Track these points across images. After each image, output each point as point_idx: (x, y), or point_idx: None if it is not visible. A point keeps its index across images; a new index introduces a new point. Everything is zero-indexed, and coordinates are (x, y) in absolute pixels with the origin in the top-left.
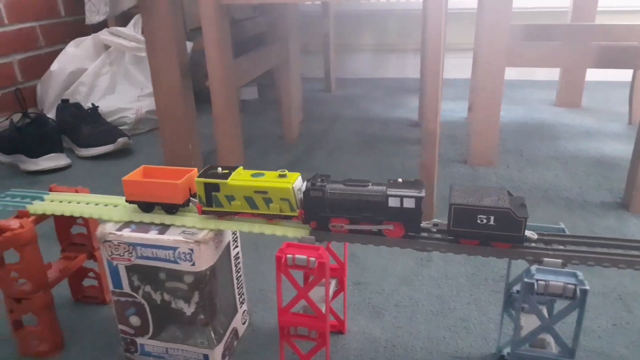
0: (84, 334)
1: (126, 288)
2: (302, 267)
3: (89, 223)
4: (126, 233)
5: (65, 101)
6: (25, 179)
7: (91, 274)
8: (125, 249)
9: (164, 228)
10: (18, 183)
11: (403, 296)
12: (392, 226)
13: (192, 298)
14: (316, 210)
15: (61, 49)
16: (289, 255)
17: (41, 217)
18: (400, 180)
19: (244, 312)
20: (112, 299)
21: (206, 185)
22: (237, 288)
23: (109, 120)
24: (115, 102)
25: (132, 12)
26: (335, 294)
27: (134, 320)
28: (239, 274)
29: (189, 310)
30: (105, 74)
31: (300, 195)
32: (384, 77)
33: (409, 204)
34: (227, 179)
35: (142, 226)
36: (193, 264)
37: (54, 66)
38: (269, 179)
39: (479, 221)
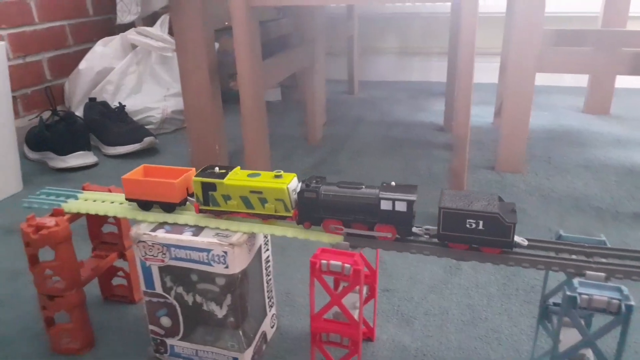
0: (114, 333)
1: (158, 289)
2: (336, 274)
3: (120, 222)
4: (160, 234)
5: (92, 100)
6: (53, 175)
7: (120, 272)
8: (159, 249)
9: (198, 229)
10: (46, 180)
11: (432, 304)
12: (384, 230)
13: (224, 301)
14: (310, 211)
15: (89, 48)
16: (323, 261)
17: (75, 216)
18: (393, 183)
19: (272, 315)
20: (143, 299)
21: (203, 184)
22: (267, 291)
23: (135, 119)
24: (141, 101)
25: (159, 12)
26: (365, 300)
27: (165, 321)
28: (269, 277)
29: (220, 312)
30: (132, 73)
31: (295, 196)
32: (407, 80)
33: (400, 207)
34: (223, 178)
35: (176, 227)
36: (226, 267)
37: (82, 65)
38: (265, 180)
39: (467, 225)
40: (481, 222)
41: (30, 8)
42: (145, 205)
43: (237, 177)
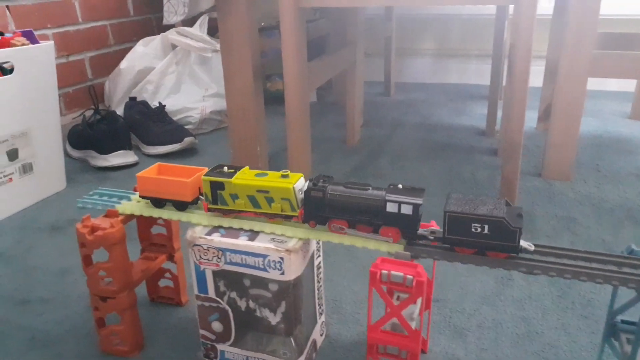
0: (162, 335)
1: (211, 293)
2: (397, 285)
3: (170, 224)
4: (216, 238)
5: (132, 99)
6: (94, 174)
7: (167, 274)
8: (214, 253)
9: (253, 234)
10: (88, 178)
11: (485, 316)
12: (389, 232)
13: (278, 307)
14: (316, 210)
15: (129, 48)
16: (383, 271)
17: (129, 217)
18: (400, 186)
19: (322, 323)
20: (195, 303)
21: (212, 183)
22: (317, 299)
23: (174, 119)
24: (180, 101)
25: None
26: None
27: (217, 326)
28: (319, 284)
29: (274, 319)
30: (171, 73)
31: (302, 195)
32: (445, 82)
33: (406, 210)
34: (231, 178)
35: (231, 231)
36: (282, 273)
37: (123, 64)
38: (272, 179)
39: (473, 230)
40: (486, 227)
41: (75, 8)
42: (158, 203)
43: (245, 177)
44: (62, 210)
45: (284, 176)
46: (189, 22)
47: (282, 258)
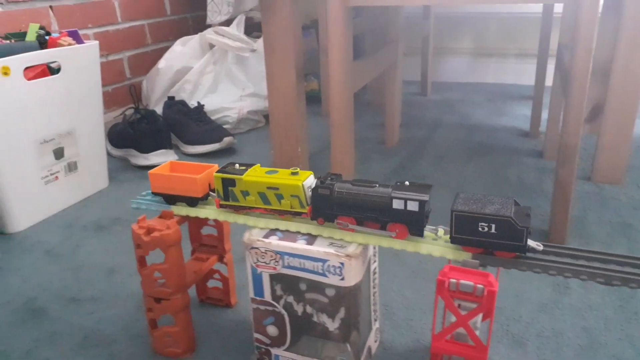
0: (213, 338)
1: (267, 297)
2: (465, 294)
3: (221, 225)
4: (274, 241)
5: (171, 98)
6: (135, 173)
7: (216, 275)
8: (272, 257)
9: (311, 238)
10: (129, 177)
11: (544, 325)
12: (396, 228)
13: (337, 313)
14: (324, 207)
15: (166, 47)
16: (452, 280)
17: (184, 218)
18: (407, 183)
19: (376, 329)
20: (251, 307)
21: (223, 180)
22: (372, 304)
23: (212, 118)
24: (217, 101)
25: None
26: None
27: (272, 330)
28: (374, 290)
29: (332, 325)
30: (209, 72)
31: (310, 193)
32: (482, 82)
33: (412, 206)
34: (242, 175)
35: (289, 234)
36: (342, 279)
37: (162, 63)
38: (282, 176)
39: (480, 229)
40: (493, 226)
41: (115, 8)
42: (170, 199)
43: (255, 174)
44: (106, 209)
45: (293, 174)
46: (226, 21)
47: (342, 263)
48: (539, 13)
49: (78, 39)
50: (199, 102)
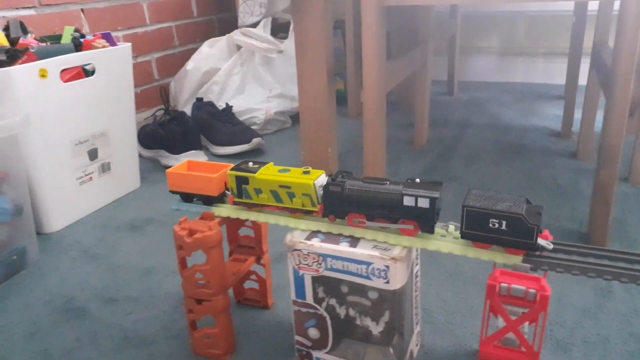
0: (251, 339)
1: (309, 299)
2: (517, 299)
3: (259, 226)
4: (316, 243)
5: (199, 100)
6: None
7: (253, 276)
8: (314, 259)
9: (354, 240)
10: (160, 177)
11: (589, 331)
12: (407, 224)
13: (381, 317)
14: (335, 205)
15: (192, 48)
16: (503, 284)
17: (225, 220)
18: (417, 180)
19: (417, 333)
20: (292, 309)
21: (237, 178)
22: (414, 308)
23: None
24: (245, 102)
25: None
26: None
27: (313, 332)
28: (416, 293)
29: (376, 329)
30: (236, 74)
31: (322, 191)
32: (510, 81)
33: (423, 203)
34: (255, 173)
35: (330, 236)
36: (387, 282)
37: (190, 65)
38: (294, 175)
39: (490, 225)
40: (504, 223)
41: (144, 10)
42: (187, 198)
43: (268, 172)
44: (139, 209)
45: (305, 172)
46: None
47: (387, 266)
48: (570, 11)
49: (111, 41)
50: (227, 104)
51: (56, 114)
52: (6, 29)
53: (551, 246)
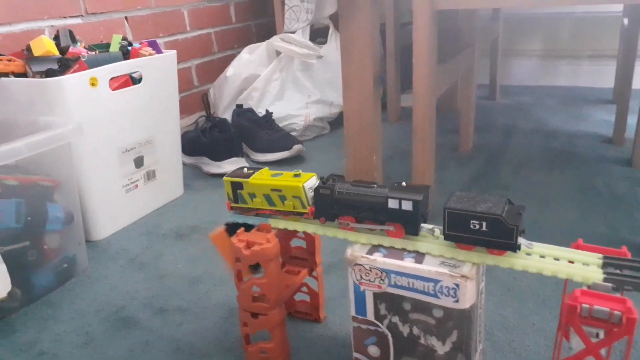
0: (305, 354)
1: (370, 316)
2: (599, 321)
3: (312, 238)
4: (379, 258)
5: (239, 106)
6: (208, 180)
7: (303, 288)
8: (377, 275)
9: (419, 256)
10: (203, 184)
11: None
12: (392, 227)
13: (448, 336)
14: (325, 207)
15: (231, 55)
16: (584, 305)
17: (282, 232)
18: (404, 183)
19: (480, 351)
20: (351, 325)
21: (232, 183)
22: (478, 325)
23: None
24: (284, 108)
25: None
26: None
27: (373, 350)
28: (481, 311)
29: (442, 348)
30: (275, 80)
31: (312, 194)
32: (553, 85)
33: (407, 206)
34: (249, 178)
35: (393, 252)
36: (457, 301)
37: (229, 71)
38: (285, 179)
39: (472, 226)
40: (484, 223)
41: (184, 17)
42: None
43: (261, 177)
44: (183, 217)
45: (296, 176)
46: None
47: (457, 284)
48: (618, 12)
49: (157, 49)
50: (267, 110)
51: (105, 121)
52: (56, 38)
53: (532, 247)
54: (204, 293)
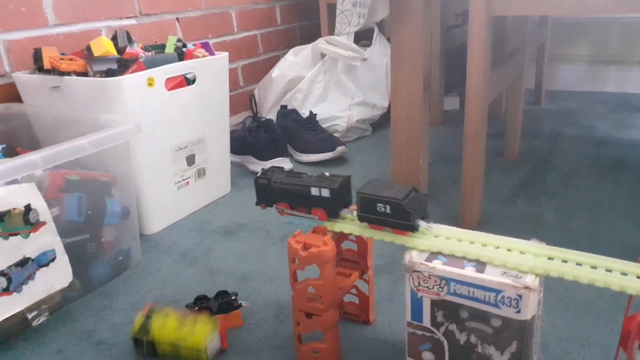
0: (356, 356)
1: (426, 322)
2: None
3: (364, 241)
4: (439, 266)
5: (284, 107)
6: (253, 179)
7: (353, 290)
8: (435, 282)
9: (480, 265)
10: (249, 183)
11: None
12: (317, 212)
13: (508, 346)
14: (265, 195)
15: (275, 56)
16: None
17: (338, 235)
18: (327, 174)
19: None
20: (406, 330)
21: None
22: (535, 336)
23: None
24: (327, 110)
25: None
26: None
27: (428, 356)
28: (538, 321)
29: (500, 358)
30: (319, 82)
31: (214, 351)
32: (601, 91)
33: (325, 193)
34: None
35: (453, 260)
36: (518, 311)
37: (275, 73)
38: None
39: (378, 209)
40: (388, 207)
41: (232, 18)
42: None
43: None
44: (231, 214)
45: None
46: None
47: (520, 295)
48: None
49: (210, 51)
50: (311, 112)
51: (160, 120)
52: (114, 39)
53: (432, 228)
54: (254, 290)
